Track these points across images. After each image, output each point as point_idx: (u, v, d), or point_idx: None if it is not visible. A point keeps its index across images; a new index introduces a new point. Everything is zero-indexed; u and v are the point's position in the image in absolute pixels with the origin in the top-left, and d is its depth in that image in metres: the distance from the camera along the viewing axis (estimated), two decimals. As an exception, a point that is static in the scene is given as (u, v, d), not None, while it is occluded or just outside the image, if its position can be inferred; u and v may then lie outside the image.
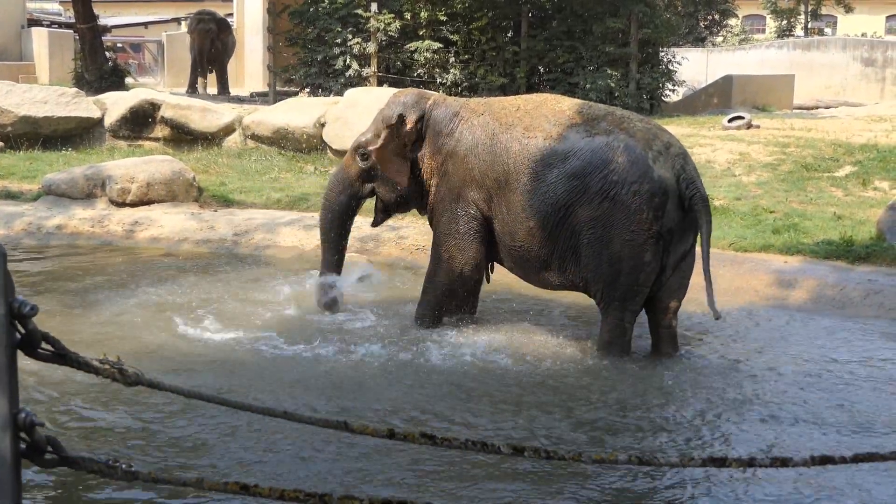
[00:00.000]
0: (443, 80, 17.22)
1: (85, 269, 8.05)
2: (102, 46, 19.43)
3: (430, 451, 4.23)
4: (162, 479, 1.91)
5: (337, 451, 4.37)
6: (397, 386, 5.31)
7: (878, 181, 10.85)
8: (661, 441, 4.64)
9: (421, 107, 6.31)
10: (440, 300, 6.33)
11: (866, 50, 25.57)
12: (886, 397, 5.25)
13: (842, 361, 5.87)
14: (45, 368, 4.67)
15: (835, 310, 6.92)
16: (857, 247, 7.87)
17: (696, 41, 31.49)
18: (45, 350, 1.97)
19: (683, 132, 12.92)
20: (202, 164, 11.91)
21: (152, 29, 30.80)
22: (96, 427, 4.60)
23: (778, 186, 10.72)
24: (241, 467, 4.16)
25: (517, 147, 5.85)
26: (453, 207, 6.10)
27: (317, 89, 17.68)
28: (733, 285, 7.37)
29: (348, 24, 17.45)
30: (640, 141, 5.61)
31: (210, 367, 5.54)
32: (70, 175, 9.99)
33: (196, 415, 4.72)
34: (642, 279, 5.62)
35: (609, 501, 3.98)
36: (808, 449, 4.38)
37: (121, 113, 13.48)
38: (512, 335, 6.23)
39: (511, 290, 7.16)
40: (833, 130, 13.86)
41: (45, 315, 2.32)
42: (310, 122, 12.96)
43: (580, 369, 5.68)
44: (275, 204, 10.10)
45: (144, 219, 9.37)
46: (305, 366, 5.60)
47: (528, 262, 5.97)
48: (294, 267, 8.13)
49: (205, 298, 7.08)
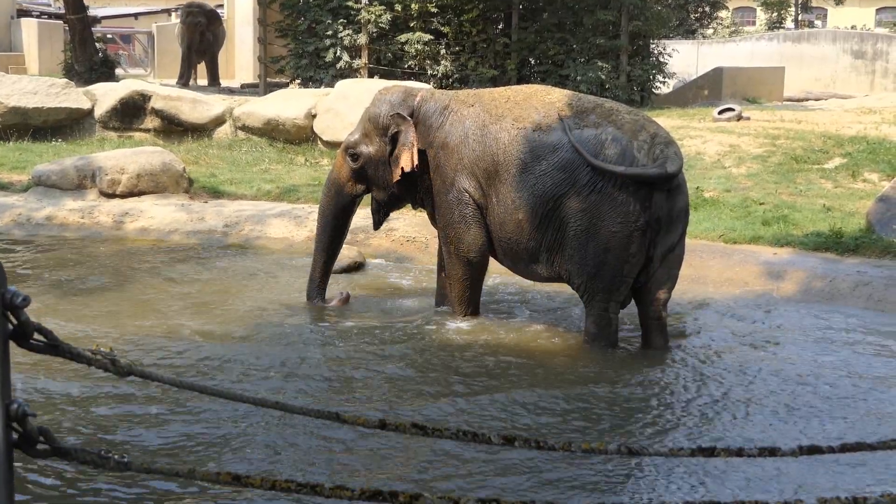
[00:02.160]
0: (433, 71, 17.21)
1: (74, 260, 8.03)
2: (92, 37, 19.35)
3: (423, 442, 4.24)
4: (154, 470, 1.92)
5: (329, 441, 4.39)
6: (386, 378, 5.32)
7: (867, 173, 10.89)
8: (650, 431, 4.66)
9: (409, 104, 6.29)
10: (466, 289, 6.30)
11: (856, 42, 25.61)
12: (872, 389, 5.28)
13: (830, 353, 5.90)
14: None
15: (824, 301, 6.95)
16: (846, 238, 7.90)
17: (687, 33, 31.49)
18: (37, 341, 1.98)
19: (674, 124, 12.94)
20: (192, 156, 11.90)
21: (142, 20, 30.65)
22: (88, 418, 4.60)
23: (768, 178, 10.76)
24: (234, 457, 4.16)
25: (507, 138, 5.85)
26: (448, 198, 6.10)
27: (307, 81, 17.65)
28: (723, 277, 7.40)
29: (339, 15, 17.42)
30: (628, 133, 5.62)
31: (202, 357, 5.54)
32: (60, 166, 9.97)
33: (187, 405, 4.72)
34: (626, 270, 5.64)
35: (598, 490, 4.00)
36: (795, 439, 4.41)
37: (111, 104, 13.46)
38: (496, 326, 6.25)
39: (496, 281, 7.18)
40: (823, 122, 13.90)
41: (36, 305, 2.33)
42: (300, 114, 12.95)
43: (568, 361, 5.70)
44: (265, 195, 10.10)
45: (134, 210, 9.36)
46: (296, 356, 5.61)
47: (517, 254, 5.98)
48: (283, 258, 8.14)
49: (195, 289, 7.07)
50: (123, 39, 30.87)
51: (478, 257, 6.16)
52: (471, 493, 3.82)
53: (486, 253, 6.19)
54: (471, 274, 6.24)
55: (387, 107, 6.33)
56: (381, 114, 6.33)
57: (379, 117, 6.34)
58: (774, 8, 36.76)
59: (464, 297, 6.32)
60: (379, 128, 6.34)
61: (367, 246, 8.45)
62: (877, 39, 25.75)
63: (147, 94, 13.55)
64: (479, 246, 6.12)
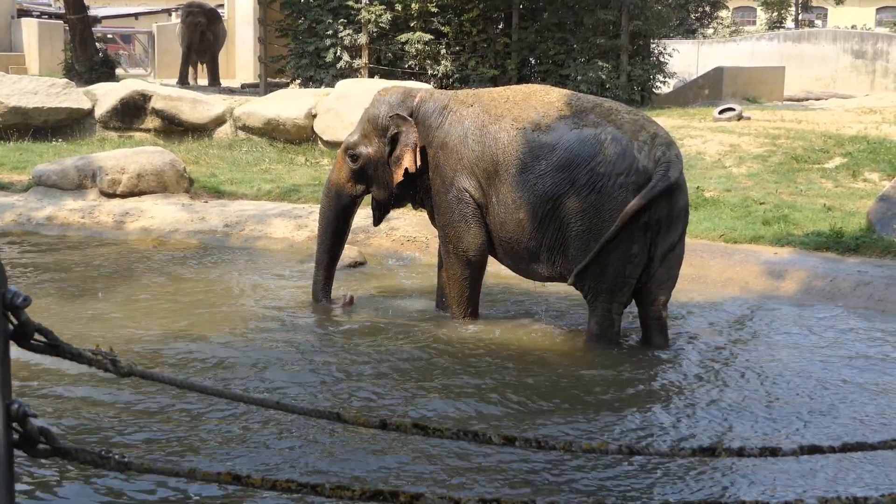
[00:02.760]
0: (434, 71, 17.21)
1: (75, 260, 8.03)
2: (93, 37, 19.34)
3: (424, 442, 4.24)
4: (155, 470, 1.92)
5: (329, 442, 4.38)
6: (387, 378, 5.32)
7: (867, 173, 10.89)
8: (651, 431, 4.65)
9: (408, 105, 6.28)
10: (466, 289, 6.28)
11: (856, 42, 25.62)
12: (877, 394, 5.27)
13: (832, 353, 5.89)
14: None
15: (825, 301, 6.94)
16: (846, 238, 7.90)
17: (687, 33, 31.51)
18: (37, 341, 1.98)
19: (674, 124, 12.94)
20: (193, 156, 11.90)
21: (143, 20, 30.65)
22: (88, 418, 4.60)
23: (768, 178, 10.75)
24: (234, 456, 4.16)
25: (506, 138, 5.85)
26: (448, 197, 6.09)
27: (308, 81, 17.64)
28: (723, 276, 7.40)
29: (339, 15, 17.41)
30: (628, 133, 5.61)
31: (204, 357, 5.54)
32: (60, 166, 9.97)
33: (188, 406, 4.72)
34: (629, 271, 5.64)
35: (599, 491, 4.00)
36: (795, 439, 4.41)
37: (111, 104, 13.45)
38: (498, 326, 6.24)
39: (499, 281, 7.18)
40: (823, 122, 13.90)
41: (36, 306, 2.32)
42: (301, 114, 12.95)
43: (569, 361, 5.70)
44: (265, 195, 10.10)
45: (135, 210, 9.36)
46: (298, 356, 5.61)
47: (517, 254, 5.98)
48: (285, 258, 8.13)
49: (196, 289, 7.07)
50: (124, 39, 30.88)
51: (477, 256, 6.15)
52: (471, 492, 3.82)
53: (486, 252, 6.18)
54: (470, 273, 6.23)
55: (386, 108, 6.33)
56: (380, 115, 6.33)
57: (378, 118, 6.34)
58: (775, 7, 36.79)
59: (463, 296, 6.31)
60: (378, 129, 6.34)
61: (368, 246, 8.45)
62: (877, 39, 25.76)
63: (147, 94, 13.55)
64: (479, 245, 6.11)
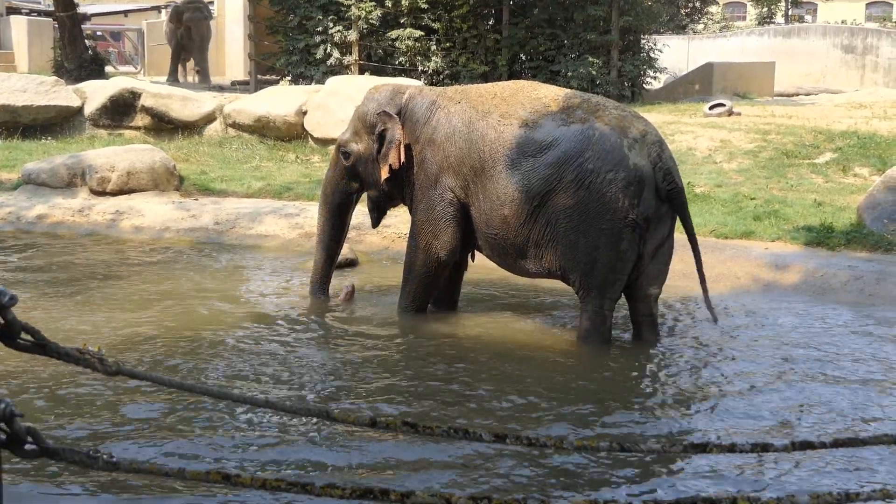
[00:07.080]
0: (424, 67, 17.20)
1: (65, 258, 8.01)
2: (82, 35, 19.29)
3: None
4: (143, 470, 1.90)
5: (319, 440, 4.37)
6: (377, 376, 5.31)
7: (858, 168, 10.90)
8: (642, 427, 4.65)
9: (397, 102, 6.28)
10: (422, 288, 6.32)
11: (846, 37, 25.68)
12: (867, 388, 5.28)
13: (822, 348, 5.90)
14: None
15: (816, 295, 6.96)
16: (837, 233, 7.92)
17: (677, 28, 31.56)
18: (24, 340, 1.96)
19: (665, 119, 12.95)
20: (183, 153, 11.87)
21: (132, 17, 30.55)
22: (74, 417, 4.58)
23: (759, 173, 10.76)
24: (224, 455, 4.15)
25: (493, 135, 5.84)
26: (430, 194, 6.09)
27: (298, 77, 17.62)
28: (714, 272, 7.38)
29: (329, 11, 17.39)
30: (616, 129, 5.61)
31: (194, 355, 5.52)
32: (50, 164, 9.94)
33: (177, 405, 4.70)
34: (619, 267, 5.64)
35: (590, 487, 4.00)
36: (787, 434, 4.42)
37: (101, 102, 13.40)
38: (490, 323, 6.24)
39: (490, 278, 7.17)
40: (813, 117, 13.92)
41: (24, 304, 2.31)
42: (291, 111, 12.92)
43: (561, 357, 5.70)
44: (256, 192, 10.08)
45: (127, 208, 9.33)
46: (289, 355, 5.60)
47: (504, 250, 5.97)
48: (277, 255, 8.12)
49: (189, 287, 7.05)
50: (113, 37, 30.77)
51: (446, 258, 6.16)
52: (462, 490, 3.81)
53: (456, 256, 6.21)
54: (434, 271, 6.22)
55: (374, 105, 6.34)
56: (368, 112, 6.34)
57: (367, 115, 6.35)
58: (765, 3, 36.85)
59: (418, 291, 6.32)
60: (367, 126, 6.35)
61: (360, 243, 8.44)
62: (867, 34, 25.83)
63: (137, 91, 13.50)
64: (452, 248, 6.12)
